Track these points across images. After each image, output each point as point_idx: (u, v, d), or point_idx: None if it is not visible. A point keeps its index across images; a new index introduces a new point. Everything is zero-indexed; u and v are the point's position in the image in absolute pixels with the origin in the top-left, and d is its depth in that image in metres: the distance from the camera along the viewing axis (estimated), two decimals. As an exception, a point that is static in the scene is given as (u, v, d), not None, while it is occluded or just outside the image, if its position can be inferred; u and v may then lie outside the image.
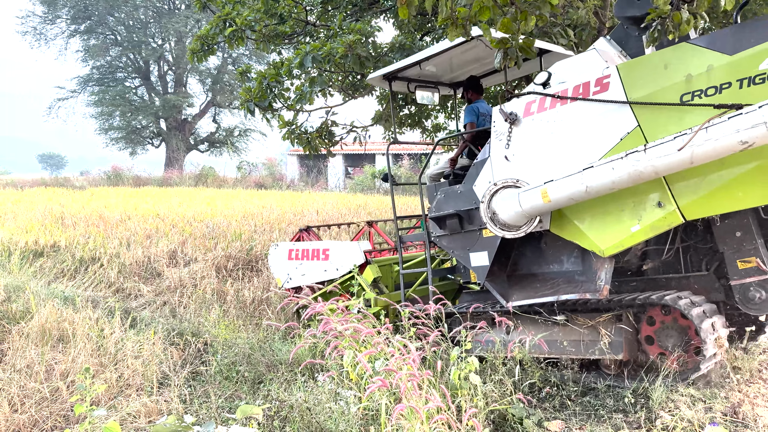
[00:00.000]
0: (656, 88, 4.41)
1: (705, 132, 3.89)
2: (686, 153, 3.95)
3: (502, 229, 5.29)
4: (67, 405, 4.65)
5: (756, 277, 4.49)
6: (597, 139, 4.69)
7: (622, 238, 4.68)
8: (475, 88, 7.04)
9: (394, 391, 3.69)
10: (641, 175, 4.25)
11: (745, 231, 4.56)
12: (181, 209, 15.50)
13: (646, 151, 4.18)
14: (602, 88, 4.69)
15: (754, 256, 4.50)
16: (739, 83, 4.04)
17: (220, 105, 43.73)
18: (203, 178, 32.31)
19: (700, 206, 4.35)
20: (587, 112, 4.78)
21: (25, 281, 8.69)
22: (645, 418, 4.35)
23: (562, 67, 5.18)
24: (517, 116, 5.21)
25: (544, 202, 4.81)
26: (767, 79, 3.91)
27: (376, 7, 11.46)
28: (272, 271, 8.20)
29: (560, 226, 5.07)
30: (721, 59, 4.13)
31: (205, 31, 10.83)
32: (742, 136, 3.73)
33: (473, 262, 5.75)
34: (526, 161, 5.14)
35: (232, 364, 5.74)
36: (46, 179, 34.83)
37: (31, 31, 39.99)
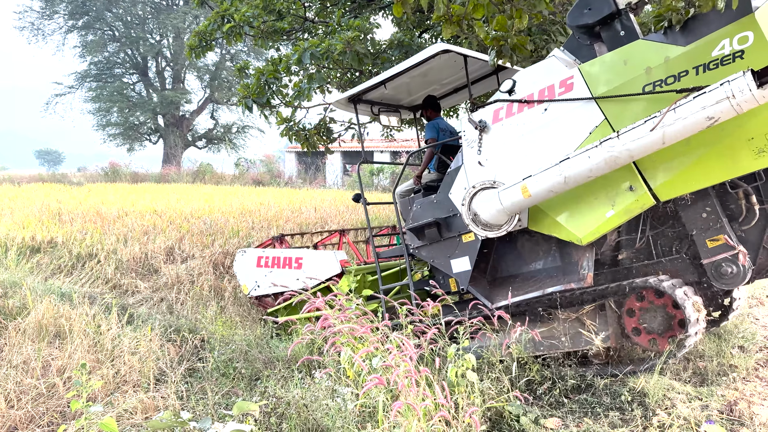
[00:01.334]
0: (619, 83, 4.75)
1: (674, 113, 4.19)
2: (658, 133, 4.23)
3: (484, 229, 5.51)
4: (64, 401, 4.65)
5: (725, 253, 4.74)
6: (567, 135, 5.00)
7: (598, 225, 4.96)
8: (434, 107, 7.40)
9: (391, 388, 3.69)
10: (617, 159, 4.51)
11: (711, 211, 4.82)
12: (179, 206, 15.47)
13: (620, 136, 4.45)
14: (567, 89, 5.04)
15: (722, 234, 4.76)
16: (695, 70, 4.40)
17: (218, 101, 43.64)
18: (201, 174, 32.26)
19: (671, 187, 4.65)
20: (555, 112, 5.10)
21: (22, 277, 8.66)
22: (641, 415, 4.36)
23: (525, 74, 5.44)
24: (486, 124, 5.51)
25: (524, 197, 5.03)
26: (720, 64, 4.30)
27: (374, 4, 11.45)
28: (238, 277, 8.09)
29: (538, 222, 5.33)
30: (677, 50, 4.50)
31: (203, 27, 10.80)
32: (708, 112, 4.04)
33: (455, 268, 5.93)
34: (500, 164, 5.42)
35: (229, 360, 5.74)
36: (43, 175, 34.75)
37: (28, 27, 39.83)
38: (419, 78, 6.82)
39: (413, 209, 6.29)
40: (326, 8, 11.63)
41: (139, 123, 42.37)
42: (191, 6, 36.28)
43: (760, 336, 6.59)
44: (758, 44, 4.17)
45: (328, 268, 7.20)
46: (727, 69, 4.26)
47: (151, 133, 43.42)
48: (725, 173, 4.48)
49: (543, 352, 5.32)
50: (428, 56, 6.01)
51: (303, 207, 15.91)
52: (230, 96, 41.85)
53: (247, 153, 44.73)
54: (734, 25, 4.28)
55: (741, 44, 4.24)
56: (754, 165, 4.37)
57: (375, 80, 6.55)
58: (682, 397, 4.66)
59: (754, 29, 4.20)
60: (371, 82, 6.59)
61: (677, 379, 5.18)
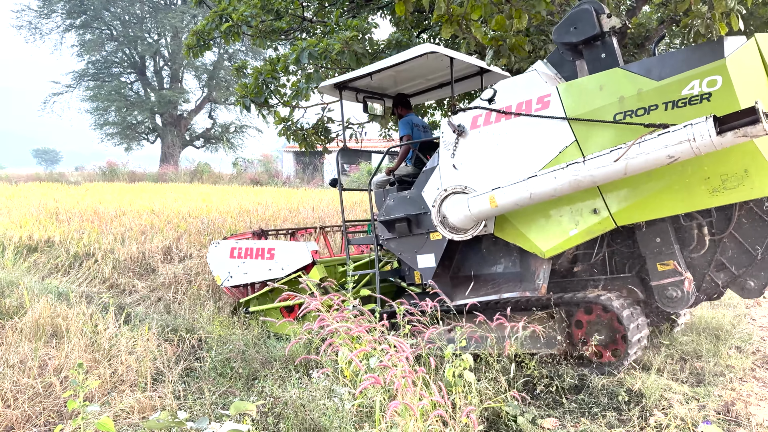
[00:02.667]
0: (593, 107, 4.93)
1: (638, 146, 4.41)
2: (621, 164, 4.46)
3: (451, 232, 5.71)
4: (61, 401, 4.63)
5: (673, 278, 5.08)
6: (538, 151, 5.19)
7: (561, 241, 5.22)
8: (404, 104, 7.56)
9: (388, 388, 3.69)
10: (580, 183, 4.74)
11: (664, 237, 5.14)
12: (177, 205, 15.45)
13: (585, 162, 4.68)
14: (543, 106, 5.21)
15: (672, 260, 5.09)
16: (664, 105, 4.58)
17: (215, 101, 43.58)
18: (199, 174, 32.23)
19: (630, 213, 4.91)
20: (529, 127, 5.28)
21: (19, 276, 8.65)
22: (639, 416, 4.36)
23: (506, 85, 5.60)
24: (464, 128, 5.67)
25: (491, 207, 5.27)
26: (688, 103, 4.48)
27: (372, 4, 11.44)
28: (212, 268, 8.22)
29: (504, 230, 5.57)
30: (650, 84, 4.68)
31: (201, 27, 10.79)
32: (670, 151, 4.26)
33: (420, 263, 6.15)
34: (473, 170, 5.61)
35: (227, 360, 5.73)
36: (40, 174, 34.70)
37: (26, 26, 39.71)
38: (405, 72, 6.97)
39: (387, 202, 6.48)
40: (324, 8, 11.62)
41: (137, 122, 42.29)
42: (189, 5, 36.25)
43: (756, 337, 6.60)
44: (725, 89, 4.35)
45: (299, 258, 7.30)
46: (694, 109, 4.45)
47: (148, 132, 43.33)
48: (681, 207, 4.75)
49: (482, 352, 5.35)
50: (415, 55, 6.16)
51: (301, 207, 15.90)
52: (228, 95, 41.79)
53: (244, 153, 44.71)
54: (705, 67, 4.46)
55: (710, 87, 4.42)
56: (708, 203, 4.63)
57: (362, 71, 6.71)
58: (679, 398, 4.66)
59: (723, 74, 4.38)
60: (357, 73, 6.74)
61: (674, 380, 5.20)
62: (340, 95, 7.30)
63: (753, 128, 3.96)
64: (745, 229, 5.05)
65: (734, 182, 4.49)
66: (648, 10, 11.07)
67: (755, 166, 4.38)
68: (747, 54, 4.59)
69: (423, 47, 6.11)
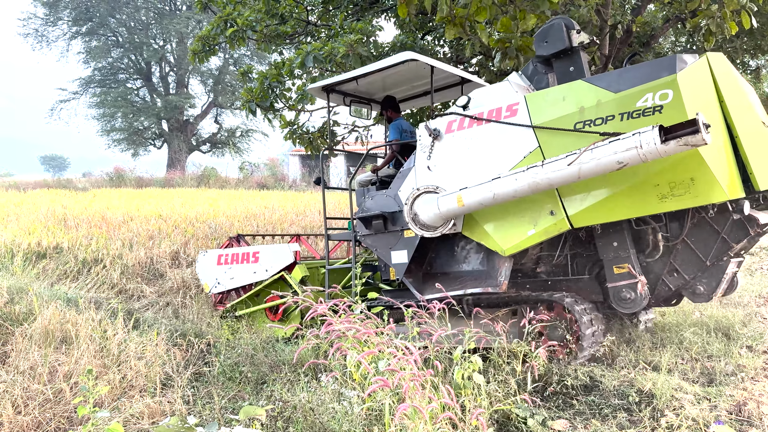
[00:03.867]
0: (555, 116, 5.26)
1: (590, 152, 4.68)
2: (575, 168, 4.74)
3: (422, 229, 6.07)
4: (71, 406, 4.64)
5: (627, 281, 5.39)
6: (505, 155, 5.56)
7: (520, 240, 5.57)
8: (394, 108, 7.82)
9: (397, 391, 3.68)
10: (538, 185, 5.04)
11: (621, 242, 5.45)
12: (184, 210, 15.51)
13: (543, 166, 4.96)
14: (512, 113, 5.57)
15: (627, 264, 5.40)
16: (620, 116, 4.89)
17: (221, 106, 43.72)
18: (205, 178, 32.32)
19: (585, 216, 5.20)
20: (498, 133, 5.64)
21: (28, 283, 8.68)
22: (650, 416, 4.33)
23: (480, 93, 5.98)
24: (439, 132, 6.04)
25: (459, 206, 5.60)
26: (641, 115, 4.79)
27: (377, 7, 11.45)
28: (200, 277, 8.47)
29: (471, 228, 5.91)
30: (608, 96, 5.00)
31: (207, 32, 10.83)
32: (619, 157, 4.54)
33: (394, 259, 6.49)
34: (445, 171, 5.96)
35: (235, 364, 5.73)
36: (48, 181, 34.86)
37: (32, 33, 39.98)
38: (391, 78, 7.19)
39: (366, 200, 6.85)
40: (328, 11, 11.64)
41: (144, 128, 42.48)
42: (194, 11, 36.38)
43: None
44: (675, 102, 4.65)
45: (282, 259, 7.64)
46: (647, 120, 4.75)
47: (155, 137, 43.51)
48: (632, 212, 5.05)
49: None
50: (395, 63, 6.46)
51: (307, 210, 15.92)
52: (234, 100, 41.91)
53: (251, 157, 44.81)
54: (658, 81, 4.76)
55: (662, 100, 4.72)
56: (658, 208, 4.93)
57: (348, 75, 7.00)
58: (691, 398, 4.63)
59: (673, 88, 4.68)
60: (344, 76, 7.03)
61: (685, 380, 5.16)
62: (327, 98, 7.53)
63: (693, 138, 4.25)
64: (696, 236, 5.36)
65: (681, 190, 4.76)
66: (653, 8, 11.03)
67: (701, 175, 4.66)
68: (698, 71, 4.92)
69: (403, 55, 6.37)
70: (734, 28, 5.75)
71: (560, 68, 5.84)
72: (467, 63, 11.46)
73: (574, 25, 5.80)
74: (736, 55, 11.12)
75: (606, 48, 9.21)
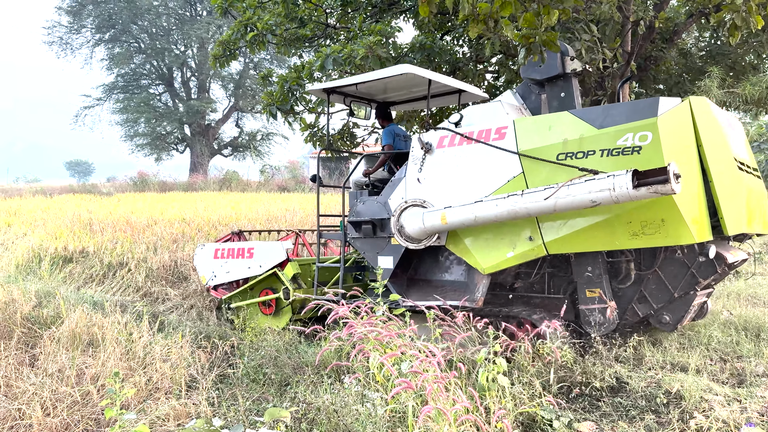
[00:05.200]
0: (541, 144, 5.43)
1: (567, 188, 4.88)
2: (551, 202, 4.98)
3: (407, 241, 6.28)
4: (98, 409, 4.70)
5: (598, 305, 5.64)
6: (490, 177, 5.73)
7: (499, 261, 5.80)
8: (385, 116, 8.09)
9: (420, 393, 3.66)
10: (517, 213, 5.28)
11: (595, 267, 5.67)
12: (207, 213, 15.64)
13: (522, 195, 5.21)
14: (500, 136, 5.72)
15: (599, 288, 5.63)
16: (601, 152, 5.06)
17: (242, 110, 44.08)
18: (227, 182, 32.62)
19: (560, 244, 5.43)
20: (486, 154, 5.79)
21: (55, 287, 8.84)
22: (678, 418, 4.26)
23: (473, 111, 6.17)
24: (431, 146, 6.20)
25: (442, 223, 5.80)
26: (621, 153, 4.95)
27: (395, 8, 11.43)
28: (198, 270, 8.75)
29: (454, 243, 6.11)
30: (591, 131, 5.16)
31: (227, 37, 10.91)
32: (593, 196, 4.75)
33: (380, 264, 6.65)
34: (434, 185, 6.14)
35: (259, 366, 5.76)
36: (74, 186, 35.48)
37: (57, 41, 40.71)
38: (392, 83, 7.34)
39: (358, 204, 6.99)
40: (347, 14, 11.66)
41: (166, 133, 43.00)
42: (214, 16, 36.73)
43: None
44: (653, 145, 4.81)
45: (275, 256, 7.88)
46: (625, 158, 4.92)
47: (178, 142, 44.02)
48: (604, 245, 5.28)
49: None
50: (393, 74, 6.63)
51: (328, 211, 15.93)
52: (254, 104, 42.22)
53: (271, 160, 45.12)
54: (639, 122, 4.93)
55: (641, 141, 4.88)
56: (628, 244, 5.14)
57: (349, 80, 7.16)
58: (720, 399, 4.54)
59: (653, 131, 4.84)
60: (344, 82, 7.19)
61: (714, 381, 5.06)
62: (327, 98, 7.69)
63: (663, 187, 4.45)
64: (667, 269, 5.55)
65: (652, 229, 4.95)
66: (676, 3, 10.87)
67: (671, 217, 4.83)
68: (679, 114, 5.07)
69: (400, 68, 6.58)
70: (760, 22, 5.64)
71: (552, 93, 6.07)
72: (487, 62, 11.39)
73: (569, 51, 6.03)
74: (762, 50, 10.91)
75: (628, 45, 9.08)
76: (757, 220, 5.93)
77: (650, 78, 11.00)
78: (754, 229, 5.87)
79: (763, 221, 6.15)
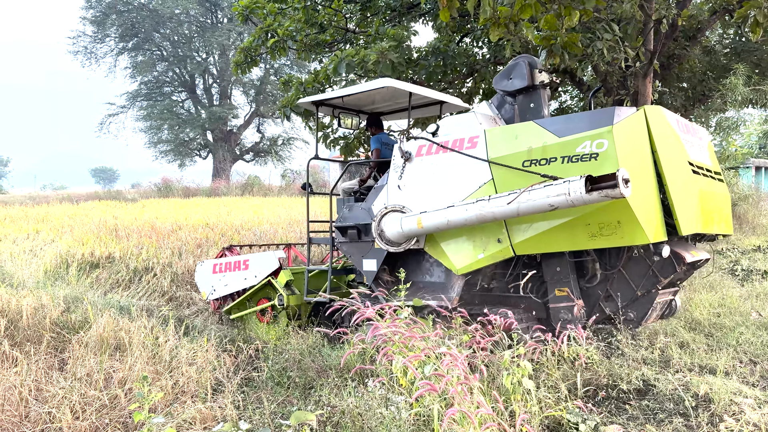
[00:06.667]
0: (508, 152, 5.76)
1: (528, 194, 5.20)
2: (514, 206, 5.31)
3: (387, 244, 6.59)
4: (126, 412, 4.76)
5: (566, 303, 5.92)
6: (463, 183, 6.06)
7: (471, 262, 6.10)
8: (377, 124, 8.33)
9: (444, 396, 3.66)
10: (484, 217, 5.60)
11: (563, 268, 5.97)
12: (229, 218, 15.79)
13: (489, 200, 5.53)
14: (472, 145, 6.06)
15: (567, 288, 5.93)
16: (562, 159, 5.37)
17: (263, 115, 44.44)
18: (249, 187, 32.86)
19: (526, 246, 5.73)
20: (459, 162, 6.13)
21: (83, 292, 8.97)
22: (707, 422, 4.19)
23: (449, 122, 6.51)
24: (410, 155, 6.54)
25: (418, 228, 6.14)
26: (580, 160, 5.26)
27: (415, 11, 11.45)
28: (198, 285, 9.10)
29: (432, 246, 6.43)
30: (553, 139, 5.47)
31: (248, 43, 11.02)
32: (551, 200, 5.04)
33: (365, 267, 7.01)
34: (412, 192, 6.48)
35: (283, 369, 5.79)
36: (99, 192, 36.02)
37: (82, 51, 41.46)
38: (379, 94, 7.65)
39: (345, 210, 7.34)
40: (366, 18, 11.70)
41: (189, 139, 43.52)
42: (235, 23, 37.12)
43: None
44: (609, 152, 5.12)
45: (268, 265, 8.25)
46: (584, 165, 5.23)
47: (200, 148, 44.51)
48: (566, 246, 5.58)
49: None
50: (374, 88, 7.02)
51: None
52: (275, 109, 42.47)
53: (292, 164, 45.38)
54: (596, 131, 5.24)
55: (598, 148, 5.20)
56: (588, 245, 5.44)
57: (334, 94, 7.57)
58: (751, 402, 4.46)
59: (609, 138, 5.16)
60: (330, 95, 7.61)
61: (744, 383, 4.98)
62: (316, 110, 8.08)
63: (613, 191, 4.74)
64: (630, 268, 5.86)
65: (609, 231, 5.24)
66: (699, 0, 10.72)
67: (626, 219, 5.11)
68: (634, 123, 5.39)
69: (381, 81, 6.96)
70: None
71: (522, 103, 6.46)
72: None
73: (537, 64, 6.37)
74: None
75: (651, 43, 8.98)
76: (717, 221, 6.26)
77: (674, 76, 10.86)
78: (714, 229, 6.20)
79: (725, 223, 6.50)
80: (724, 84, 10.50)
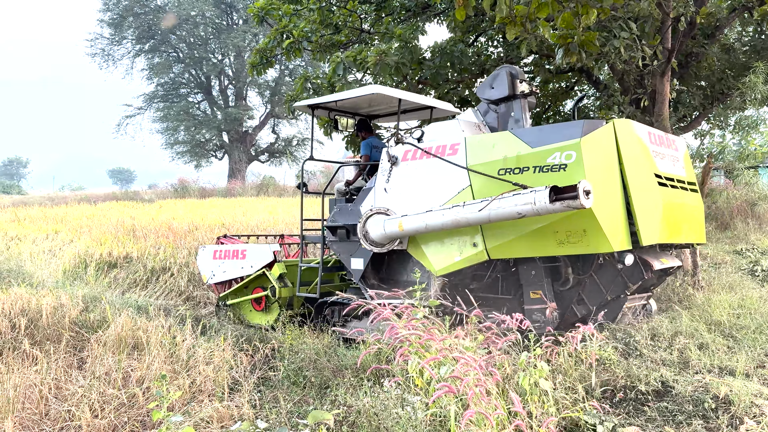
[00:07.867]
0: (486, 160, 6.06)
1: (498, 201, 5.49)
2: (485, 213, 5.62)
3: (371, 245, 6.90)
4: (144, 410, 4.80)
5: (539, 305, 6.15)
6: (443, 188, 6.36)
7: (448, 264, 6.44)
8: (367, 129, 8.61)
9: (461, 397, 3.65)
10: (459, 222, 5.91)
11: (537, 271, 6.25)
12: (245, 219, 15.88)
13: (464, 206, 5.83)
14: (453, 152, 6.33)
15: (540, 290, 6.19)
16: (533, 169, 5.67)
17: (278, 116, 44.61)
18: (264, 187, 33.04)
19: (499, 250, 6.06)
20: (441, 168, 6.41)
21: (101, 291, 9.07)
22: (728, 424, 4.14)
23: (433, 129, 6.88)
24: (397, 159, 6.82)
25: (399, 230, 6.46)
26: (550, 170, 5.54)
27: (429, 11, 11.43)
28: (200, 269, 9.52)
29: (413, 248, 6.76)
30: (527, 149, 5.77)
31: (264, 45, 11.08)
32: (518, 209, 5.36)
33: (353, 265, 7.31)
34: (397, 195, 6.76)
35: (299, 369, 5.81)
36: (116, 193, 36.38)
37: (99, 53, 41.90)
38: (368, 100, 7.83)
39: (335, 210, 7.62)
40: (381, 18, 11.70)
41: (205, 140, 43.82)
42: (251, 25, 37.28)
43: None
44: (577, 163, 5.41)
45: (263, 257, 8.67)
46: (554, 174, 5.50)
47: (216, 149, 44.80)
48: (536, 251, 5.91)
49: None
50: (362, 95, 7.25)
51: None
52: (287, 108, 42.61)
53: (307, 165, 45.45)
54: (566, 142, 5.52)
55: (567, 159, 5.47)
56: (556, 251, 5.76)
57: (328, 98, 7.85)
58: (772, 405, 4.39)
59: (577, 150, 5.44)
60: (324, 99, 7.91)
61: (765, 385, 4.91)
62: (312, 113, 8.41)
63: (574, 202, 5.01)
64: (601, 273, 6.12)
65: (576, 238, 5.52)
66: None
67: (591, 228, 5.41)
68: (603, 136, 5.64)
69: (369, 88, 7.20)
70: None
71: (503, 112, 6.73)
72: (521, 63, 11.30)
73: (519, 74, 6.67)
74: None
75: (668, 42, 8.90)
76: (686, 231, 6.55)
77: (692, 75, 10.74)
78: (682, 239, 6.49)
79: (696, 232, 6.82)
80: (743, 82, 10.36)
